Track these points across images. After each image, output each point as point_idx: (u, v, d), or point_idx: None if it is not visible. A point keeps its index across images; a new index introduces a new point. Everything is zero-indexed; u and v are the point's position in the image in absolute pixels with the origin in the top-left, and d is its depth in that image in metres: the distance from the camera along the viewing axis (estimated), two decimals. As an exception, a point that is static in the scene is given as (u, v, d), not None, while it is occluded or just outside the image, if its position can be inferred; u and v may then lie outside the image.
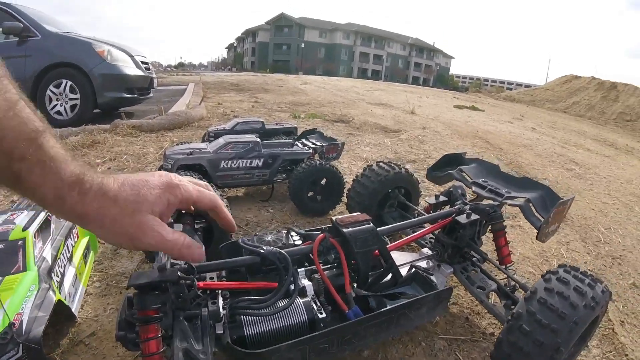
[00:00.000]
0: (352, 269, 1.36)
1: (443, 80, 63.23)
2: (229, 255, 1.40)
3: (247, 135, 3.01)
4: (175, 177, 0.79)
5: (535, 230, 1.67)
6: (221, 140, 2.87)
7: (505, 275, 1.77)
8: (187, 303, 1.09)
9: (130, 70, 5.90)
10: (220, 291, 1.20)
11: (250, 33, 68.89)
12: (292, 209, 2.91)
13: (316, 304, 1.21)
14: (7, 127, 0.54)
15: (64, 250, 1.73)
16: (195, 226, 1.99)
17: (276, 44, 61.39)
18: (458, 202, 1.83)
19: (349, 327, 1.18)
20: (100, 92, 5.38)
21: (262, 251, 1.22)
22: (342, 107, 9.59)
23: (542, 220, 1.68)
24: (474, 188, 1.95)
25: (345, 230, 1.31)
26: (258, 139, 2.90)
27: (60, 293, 1.53)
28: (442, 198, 1.92)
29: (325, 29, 61.91)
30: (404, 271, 1.57)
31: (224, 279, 1.32)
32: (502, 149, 6.31)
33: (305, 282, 1.28)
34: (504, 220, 1.82)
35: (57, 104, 5.23)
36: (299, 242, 1.40)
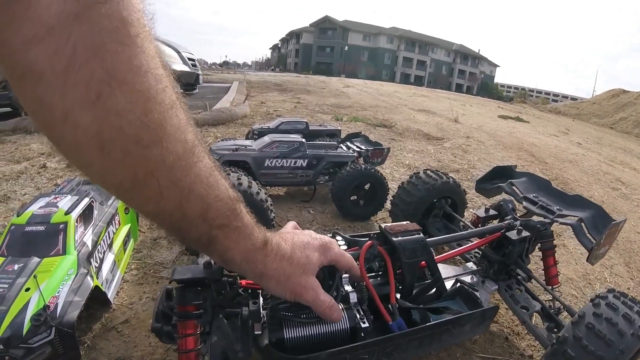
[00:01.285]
0: (396, 280, 1.34)
1: (487, 88, 61.76)
2: None
3: (292, 135, 3.04)
4: (329, 241, 0.93)
5: (581, 251, 1.61)
6: (267, 139, 2.90)
7: (548, 297, 1.71)
8: (228, 301, 1.09)
9: (177, 66, 6.05)
10: (261, 291, 1.20)
11: (295, 35, 69.43)
12: (333, 212, 2.90)
13: (359, 313, 1.18)
14: (211, 196, 0.57)
15: (104, 237, 1.76)
16: None
17: (319, 46, 61.50)
18: (508, 217, 1.78)
19: (392, 340, 1.16)
20: None
21: None
22: (385, 111, 9.53)
23: (594, 241, 1.61)
24: (524, 203, 1.89)
25: (395, 239, 1.29)
26: (303, 140, 2.92)
27: (97, 279, 1.56)
28: (491, 212, 1.87)
29: (369, 33, 61.59)
30: (447, 285, 1.54)
31: None
32: (547, 163, 6.10)
33: (349, 289, 1.23)
34: (554, 239, 1.76)
35: None
36: (344, 248, 1.39)
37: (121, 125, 0.42)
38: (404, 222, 1.38)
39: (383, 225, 1.34)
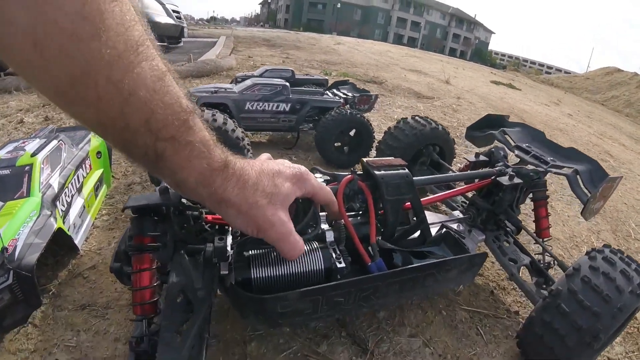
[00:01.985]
0: (378, 220, 1.23)
1: (481, 55, 60.96)
2: None
3: (275, 79, 2.87)
4: (305, 171, 0.80)
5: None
6: (248, 82, 2.74)
7: (538, 252, 1.63)
8: (192, 236, 0.99)
9: (161, 18, 5.79)
10: (230, 229, 1.08)
11: (287, -11, 67.36)
12: (316, 159, 2.79)
13: (335, 252, 1.06)
14: (157, 102, 0.50)
15: (73, 180, 1.68)
16: None
17: (311, 2, 59.39)
18: (499, 164, 1.67)
19: (370, 281, 1.05)
20: None
21: None
22: (375, 69, 9.31)
23: (589, 194, 1.53)
24: (516, 152, 1.78)
25: (377, 172, 1.17)
26: (287, 83, 2.76)
27: (64, 223, 1.48)
28: (482, 157, 1.75)
29: (363, -10, 60.05)
30: (432, 231, 1.43)
31: None
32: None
33: (325, 227, 1.12)
34: (546, 190, 1.66)
35: None
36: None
37: (56, 18, 0.39)
38: (389, 157, 1.26)
39: (365, 160, 1.22)
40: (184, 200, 0.95)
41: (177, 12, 6.56)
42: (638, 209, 3.70)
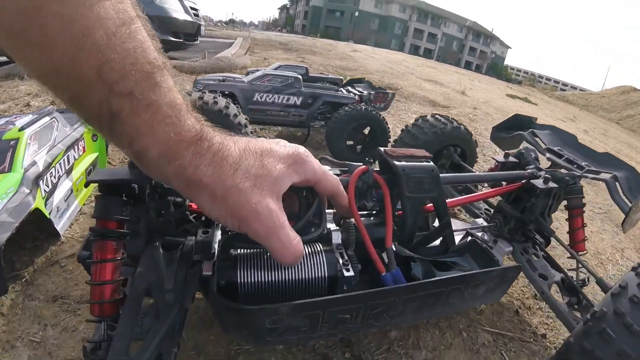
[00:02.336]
0: (395, 221, 1.05)
1: (496, 69, 60.39)
2: None
3: (288, 72, 2.73)
4: (304, 151, 0.66)
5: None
6: (259, 72, 2.60)
7: (569, 267, 1.46)
8: (171, 226, 0.82)
9: (179, 14, 5.73)
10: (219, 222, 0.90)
11: (305, -5, 67.62)
12: (339, 160, 2.61)
13: (342, 257, 0.87)
14: (114, 47, 0.42)
15: (62, 160, 1.58)
16: None
17: (330, 9, 59.53)
18: (530, 167, 1.49)
19: (384, 295, 0.86)
20: None
21: None
22: (391, 77, 9.17)
23: (630, 204, 1.35)
24: (548, 155, 1.61)
25: (397, 163, 1.00)
26: (299, 76, 2.61)
27: (46, 205, 1.39)
28: (512, 158, 1.57)
29: (381, 0, 60.02)
30: (456, 239, 1.24)
31: None
32: (556, 143, 5.83)
33: (332, 227, 0.93)
34: (583, 197, 1.48)
35: None
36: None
37: None
38: (411, 149, 1.09)
39: (382, 149, 1.05)
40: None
41: (195, 9, 6.49)
42: None
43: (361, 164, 1.02)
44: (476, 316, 1.47)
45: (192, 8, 6.25)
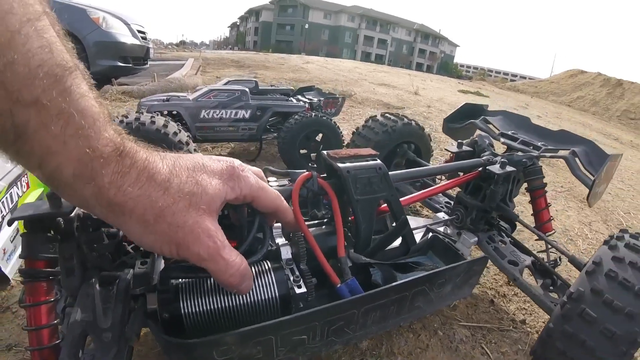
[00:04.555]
0: (348, 228, 0.98)
1: (447, 68, 62.30)
2: None
3: (234, 85, 2.64)
4: (239, 165, 0.61)
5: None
6: (204, 89, 2.50)
7: (540, 250, 1.43)
8: (107, 260, 0.74)
9: (126, 38, 5.57)
10: None
11: (254, 12, 67.47)
12: (282, 169, 2.53)
13: (293, 274, 0.81)
14: (18, 47, 0.35)
15: (4, 199, 1.45)
16: None
17: (280, 24, 60.05)
18: (486, 153, 1.45)
19: (340, 309, 0.79)
20: (94, 60, 5.02)
21: None
22: (344, 84, 9.21)
23: (593, 177, 1.34)
24: (502, 139, 1.59)
25: (341, 165, 0.92)
26: (246, 89, 2.52)
27: None
28: (465, 148, 1.52)
29: (330, 11, 60.55)
30: (417, 237, 1.17)
31: None
32: (511, 130, 5.99)
33: (281, 241, 0.87)
34: (543, 177, 1.45)
35: None
36: (276, 186, 1.01)
37: None
38: (356, 149, 1.02)
39: (325, 152, 0.97)
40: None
41: (143, 32, 6.33)
42: (623, 197, 3.72)
43: (304, 170, 0.94)
44: (450, 312, 1.41)
45: (139, 31, 6.10)
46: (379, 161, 0.96)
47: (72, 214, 0.67)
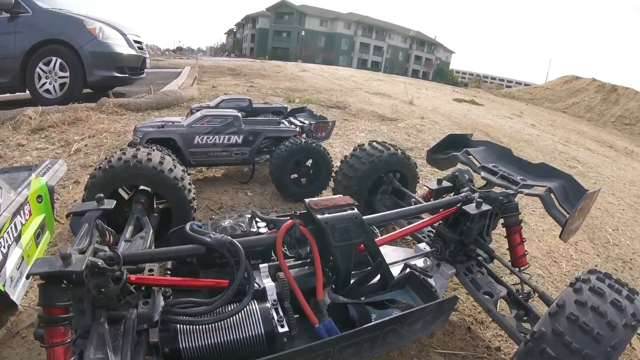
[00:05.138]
0: (328, 267, 1.06)
1: (443, 74, 62.64)
2: (178, 243, 1.12)
3: (226, 110, 2.70)
4: None
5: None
6: (198, 114, 2.55)
7: (515, 280, 1.49)
8: (113, 300, 0.86)
9: (123, 48, 5.63)
10: (160, 288, 0.93)
11: (250, 19, 67.77)
12: (273, 193, 2.61)
13: (277, 313, 0.90)
14: None
15: (9, 229, 1.48)
16: (154, 206, 1.73)
17: (276, 31, 60.29)
18: (465, 189, 1.52)
19: (318, 348, 0.86)
20: (90, 70, 5.12)
21: (207, 240, 0.94)
22: (340, 94, 9.29)
23: (567, 215, 1.40)
24: (482, 173, 1.65)
25: (320, 216, 1.00)
26: (238, 114, 2.58)
27: None
28: (445, 183, 1.60)
29: (326, 18, 60.89)
30: (396, 270, 1.25)
31: (168, 273, 1.05)
32: (503, 142, 6.05)
33: (267, 283, 0.97)
34: (519, 213, 1.52)
35: (46, 82, 4.96)
36: (265, 230, 1.09)
37: None
38: (336, 196, 1.09)
39: (307, 201, 1.05)
40: (97, 261, 0.81)
41: (139, 42, 6.40)
42: (612, 213, 3.71)
43: (288, 218, 1.02)
44: (427, 340, 1.48)
45: (135, 41, 6.16)
46: (355, 211, 1.03)
47: (83, 269, 0.76)
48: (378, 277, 1.16)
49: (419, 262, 1.41)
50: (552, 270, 2.27)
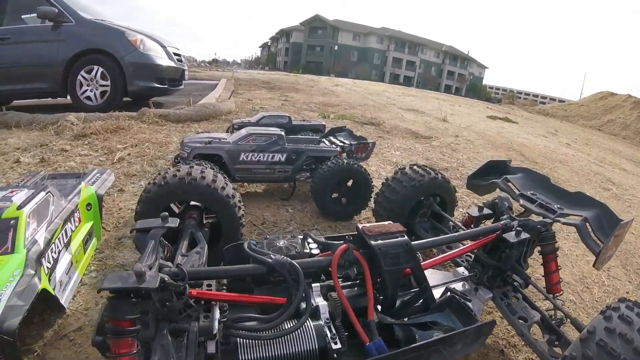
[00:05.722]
0: (377, 290, 1.14)
1: (476, 90, 61.93)
2: (233, 259, 1.22)
3: (270, 128, 2.83)
4: None
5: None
6: (243, 132, 2.69)
7: (548, 305, 1.54)
8: (175, 314, 0.93)
9: (162, 60, 5.85)
10: (217, 303, 1.01)
11: (285, 33, 68.88)
12: (313, 211, 2.70)
13: (330, 330, 0.99)
14: None
15: (60, 235, 1.61)
16: (204, 221, 1.83)
17: (310, 45, 61.02)
18: (504, 217, 1.59)
19: None
20: (131, 80, 5.34)
21: (269, 260, 1.02)
22: (373, 110, 9.36)
23: (601, 244, 1.44)
24: (521, 201, 1.70)
25: (374, 242, 1.09)
26: (282, 132, 2.71)
27: (50, 281, 1.41)
28: (486, 211, 1.67)
29: (359, 33, 61.32)
30: (436, 293, 1.33)
31: (224, 288, 1.13)
32: (538, 163, 5.99)
33: (320, 302, 1.06)
34: (556, 242, 1.57)
35: (87, 90, 5.18)
36: (317, 252, 1.19)
37: None
38: (385, 223, 1.18)
39: (360, 226, 1.14)
40: (164, 277, 0.89)
41: (178, 54, 6.64)
42: None
43: (342, 242, 1.11)
44: None
45: (175, 54, 6.38)
46: (406, 238, 1.12)
47: (157, 286, 0.85)
48: (421, 301, 1.23)
49: (458, 286, 1.48)
50: (584, 296, 2.29)
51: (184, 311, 0.95)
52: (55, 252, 1.54)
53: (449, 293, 1.33)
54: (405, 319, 1.15)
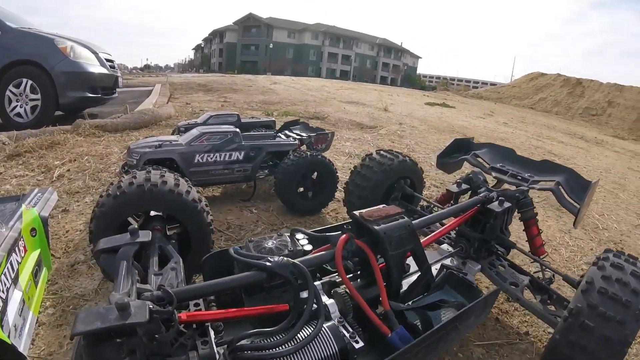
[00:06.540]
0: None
1: (410, 79, 63.79)
2: (215, 269, 1.08)
3: (224, 126, 2.69)
4: None
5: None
6: (195, 132, 2.52)
7: (534, 269, 1.60)
8: (167, 346, 0.79)
9: (95, 68, 5.43)
10: (210, 323, 0.89)
11: (218, 34, 67.32)
12: (279, 208, 2.61)
13: (346, 329, 0.90)
14: None
15: (5, 269, 1.35)
16: (168, 232, 1.63)
17: (244, 44, 60.07)
18: (481, 190, 1.59)
19: (401, 357, 0.87)
20: (62, 91, 4.92)
21: (267, 264, 0.90)
22: (315, 105, 9.35)
23: (578, 205, 1.51)
24: (494, 174, 1.72)
25: (377, 227, 1.02)
26: (237, 129, 2.57)
27: (2, 327, 1.19)
28: (464, 186, 1.67)
29: (293, 29, 61.09)
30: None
31: (212, 305, 0.99)
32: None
33: (326, 300, 0.96)
34: (534, 207, 1.61)
35: (17, 105, 4.74)
36: (309, 248, 1.09)
37: None
38: (381, 206, 1.12)
39: (357, 213, 1.07)
40: (150, 305, 0.74)
41: (111, 61, 6.22)
42: (595, 200, 3.91)
43: (340, 232, 1.03)
44: (466, 334, 1.55)
45: (107, 60, 5.99)
46: (407, 219, 1.07)
47: (147, 319, 0.70)
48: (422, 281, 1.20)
49: (448, 262, 1.47)
50: (554, 257, 2.42)
51: (175, 341, 0.81)
52: (2, 292, 1.30)
53: (444, 270, 1.32)
54: (409, 303, 1.10)
